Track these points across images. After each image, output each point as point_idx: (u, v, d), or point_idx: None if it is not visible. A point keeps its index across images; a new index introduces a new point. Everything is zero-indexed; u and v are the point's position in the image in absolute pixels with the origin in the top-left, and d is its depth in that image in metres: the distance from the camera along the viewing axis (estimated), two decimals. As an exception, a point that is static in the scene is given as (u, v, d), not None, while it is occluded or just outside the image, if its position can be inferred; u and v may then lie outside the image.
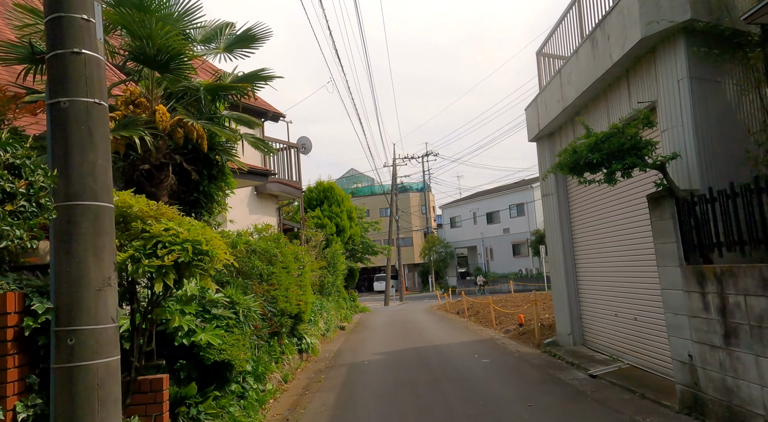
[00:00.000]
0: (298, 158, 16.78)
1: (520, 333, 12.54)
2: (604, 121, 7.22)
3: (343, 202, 19.93)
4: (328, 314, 14.96)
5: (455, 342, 11.98)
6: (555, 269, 9.62)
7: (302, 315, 9.90)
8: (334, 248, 17.19)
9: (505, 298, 23.29)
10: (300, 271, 9.74)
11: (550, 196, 9.61)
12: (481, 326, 15.38)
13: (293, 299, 8.39)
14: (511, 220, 43.91)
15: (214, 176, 6.90)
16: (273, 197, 15.69)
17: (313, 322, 12.27)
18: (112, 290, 3.31)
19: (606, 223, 8.03)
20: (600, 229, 8.29)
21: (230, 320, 5.66)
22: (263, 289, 7.22)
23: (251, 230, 8.09)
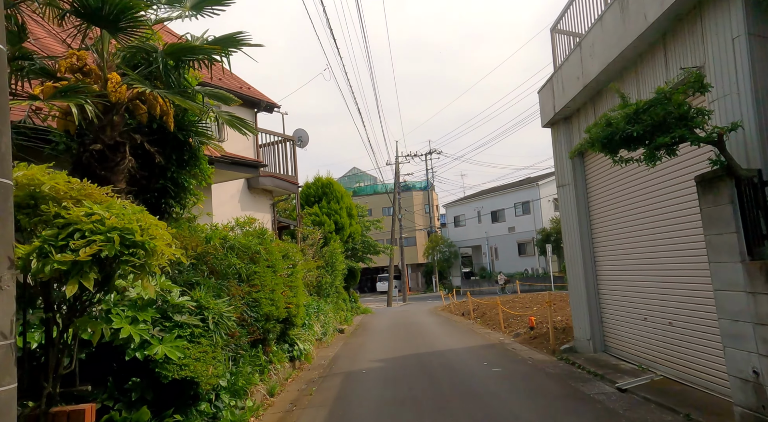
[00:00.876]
0: (293, 151, 15.89)
1: (531, 336, 11.60)
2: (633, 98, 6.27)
3: (343, 198, 19.01)
4: (325, 316, 14.05)
5: (461, 348, 11.05)
6: (572, 267, 8.68)
7: (294, 319, 8.99)
8: (332, 246, 16.28)
9: (512, 299, 22.33)
10: (290, 270, 8.83)
11: (567, 187, 8.67)
12: (489, 329, 14.44)
13: (281, 302, 7.47)
14: (516, 218, 42.93)
15: (186, 161, 6.00)
16: (267, 193, 14.80)
17: (308, 326, 11.35)
18: (5, 295, 2.41)
19: (633, 214, 7.10)
20: (626, 221, 7.35)
21: (197, 328, 4.75)
22: (243, 291, 6.30)
23: (232, 224, 7.18)
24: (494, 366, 8.50)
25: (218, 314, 5.05)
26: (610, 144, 4.38)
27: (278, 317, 7.52)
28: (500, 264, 44.36)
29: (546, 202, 40.59)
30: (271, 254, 7.33)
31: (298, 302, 9.07)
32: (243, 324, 6.19)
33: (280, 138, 15.53)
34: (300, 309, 9.29)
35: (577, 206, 8.48)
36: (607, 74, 6.68)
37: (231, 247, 6.14)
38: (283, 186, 14.63)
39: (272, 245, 7.72)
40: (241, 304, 6.13)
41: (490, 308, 18.52)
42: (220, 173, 10.50)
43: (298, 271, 9.22)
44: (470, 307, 19.00)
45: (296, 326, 9.61)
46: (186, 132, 5.80)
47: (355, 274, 24.35)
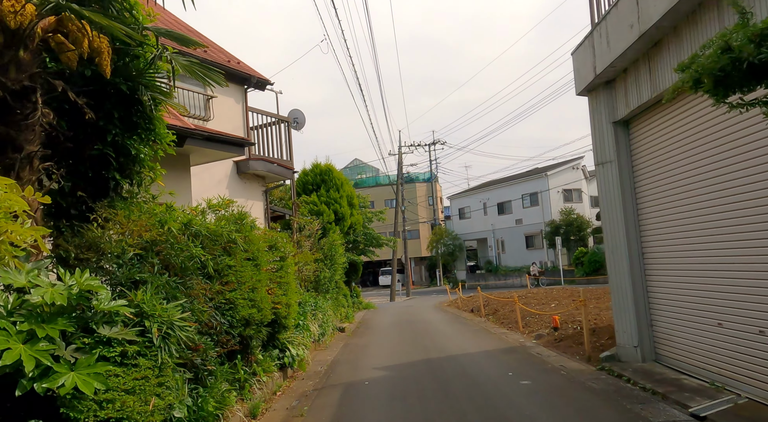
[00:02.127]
0: (288, 133, 14.50)
1: (555, 339, 10.24)
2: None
3: (343, 187, 17.60)
4: (324, 315, 12.72)
5: (477, 351, 9.69)
6: (615, 260, 7.29)
7: (284, 321, 7.65)
8: (331, 238, 14.92)
9: (525, 294, 20.90)
10: (279, 264, 7.46)
11: (609, 164, 7.26)
12: (504, 328, 13.08)
13: (266, 302, 6.11)
14: (524, 210, 41.52)
15: (134, 123, 4.61)
16: (259, 179, 13.42)
17: (303, 327, 10.01)
18: None
19: (701, 192, 5.71)
20: (689, 202, 5.96)
21: (132, 345, 3.39)
22: (212, 290, 4.94)
23: (203, 207, 5.80)
24: (521, 376, 7.14)
25: (167, 324, 3.68)
26: (728, 79, 2.98)
27: (262, 320, 6.16)
28: (507, 258, 43.00)
29: (555, 193, 39.16)
30: (252, 243, 5.95)
31: (290, 301, 7.72)
32: (211, 333, 4.82)
33: (273, 119, 14.15)
34: (292, 309, 7.95)
35: (620, 187, 7.08)
36: (677, 13, 5.25)
37: (195, 234, 4.76)
38: (277, 171, 13.25)
39: (254, 233, 6.34)
40: (209, 307, 4.76)
41: (503, 304, 17.18)
42: (200, 153, 9.13)
43: (288, 264, 7.86)
44: (480, 303, 17.65)
45: (287, 328, 8.27)
46: (133, 84, 4.41)
47: (357, 268, 23.04)
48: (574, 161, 41.30)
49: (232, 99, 12.87)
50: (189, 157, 9.09)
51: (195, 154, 9.14)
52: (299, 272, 13.42)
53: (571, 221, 37.03)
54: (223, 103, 12.53)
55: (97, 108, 4.24)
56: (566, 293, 18.44)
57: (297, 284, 12.20)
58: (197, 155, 9.20)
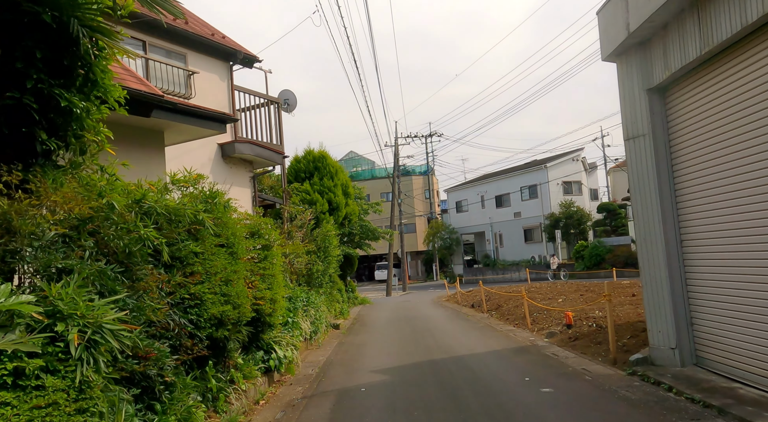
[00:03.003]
0: (279, 115, 13.49)
1: (569, 337, 9.32)
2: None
3: (338, 174, 16.57)
4: (317, 311, 11.76)
5: (486, 352, 8.76)
6: (647, 249, 6.34)
7: (268, 318, 6.68)
8: (325, 228, 13.94)
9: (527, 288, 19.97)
10: (262, 254, 6.49)
11: (641, 138, 6.30)
12: (510, 325, 12.16)
13: (243, 298, 5.13)
14: (522, 203, 40.61)
15: (66, 68, 3.60)
16: (246, 164, 12.41)
17: (292, 325, 9.05)
18: None
19: (755, 166, 4.77)
20: (740, 179, 5.02)
21: (34, 360, 2.42)
22: (173, 283, 3.96)
23: (165, 181, 4.80)
24: (541, 382, 6.20)
25: (94, 327, 2.70)
26: None
27: (239, 319, 5.19)
28: (505, 252, 42.13)
29: (554, 185, 38.27)
30: (227, 227, 4.97)
31: (275, 296, 6.75)
32: (168, 336, 3.85)
33: (262, 100, 13.13)
34: (278, 305, 6.97)
35: (655, 165, 6.13)
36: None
37: (147, 213, 3.76)
38: (266, 155, 12.24)
39: (231, 216, 5.35)
40: (165, 304, 3.78)
41: (506, 299, 16.27)
42: (175, 130, 8.11)
43: (274, 254, 6.87)
44: (482, 298, 16.73)
45: (273, 327, 7.31)
46: (62, 16, 3.40)
47: (352, 261, 22.06)
48: (574, 152, 40.43)
49: (216, 76, 11.83)
50: (163, 134, 8.08)
51: (170, 131, 8.13)
52: (290, 264, 12.45)
53: (571, 214, 36.17)
54: (206, 80, 11.50)
55: (11, 44, 3.23)
56: (572, 288, 17.56)
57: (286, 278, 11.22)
58: (173, 132, 8.18)
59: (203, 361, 4.84)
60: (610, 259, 31.45)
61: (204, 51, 11.45)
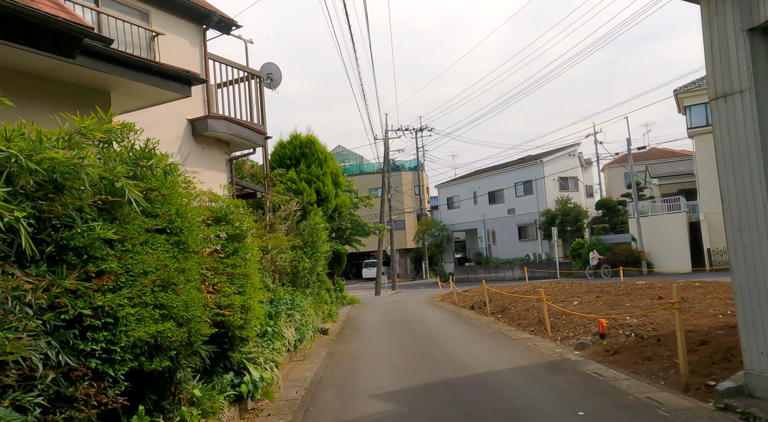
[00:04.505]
0: (261, 91, 11.79)
1: (606, 350, 7.80)
2: None
3: (327, 162, 14.87)
4: (302, 315, 10.13)
5: (509, 369, 7.20)
6: (744, 241, 4.79)
7: (239, 331, 5.06)
8: (313, 221, 12.29)
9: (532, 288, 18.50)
10: (231, 247, 4.84)
11: (737, 96, 4.76)
12: (525, 332, 10.62)
13: (195, 308, 3.49)
14: (516, 199, 39.28)
15: None
16: (221, 144, 10.69)
17: (272, 335, 7.42)
18: None
19: None
20: None
21: None
22: (57, 290, 2.31)
23: (69, 129, 3.12)
24: (603, 420, 4.66)
25: None
26: None
27: (189, 339, 3.54)
28: (498, 249, 40.78)
29: (550, 181, 36.97)
30: (168, 204, 3.31)
31: (248, 303, 5.11)
32: (36, 385, 2.20)
33: (242, 74, 11.44)
34: (252, 314, 5.33)
35: (759, 131, 4.60)
36: None
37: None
38: (245, 135, 10.55)
39: (179, 188, 3.69)
40: (36, 327, 2.12)
41: (513, 301, 14.77)
42: (126, 92, 6.39)
43: (247, 248, 5.22)
44: (486, 299, 15.21)
45: (247, 341, 5.67)
46: None
47: (341, 258, 20.43)
48: (571, 147, 39.20)
49: (187, 41, 10.09)
50: (109, 96, 6.37)
51: (119, 92, 6.42)
52: (272, 261, 10.78)
53: (567, 211, 34.88)
54: (175, 44, 9.76)
55: None
56: (582, 289, 16.10)
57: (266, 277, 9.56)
58: (122, 94, 6.47)
59: (132, 408, 3.19)
60: (610, 257, 30.19)
61: (171, 10, 9.71)
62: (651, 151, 41.64)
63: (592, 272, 28.78)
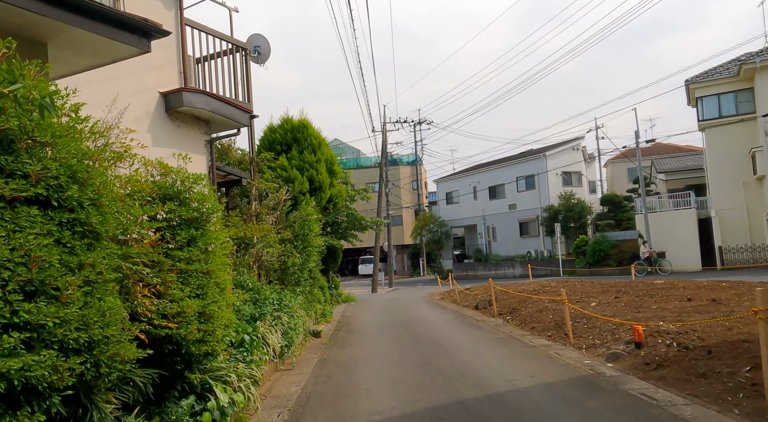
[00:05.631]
0: (247, 66, 10.54)
1: (645, 362, 6.61)
2: None
3: (321, 148, 13.61)
4: (291, 317, 8.92)
5: (534, 385, 6.02)
6: None
7: (195, 348, 3.85)
8: (305, 211, 11.07)
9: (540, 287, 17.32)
10: (183, 235, 3.63)
11: None
12: (542, 337, 9.44)
13: (110, 323, 2.30)
14: (518, 194, 38.10)
15: None
16: (200, 123, 9.44)
17: (251, 344, 6.22)
18: None
19: None
20: None
21: None
22: None
23: None
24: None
25: None
26: None
27: (97, 373, 2.34)
28: (498, 246, 39.64)
29: (553, 175, 35.80)
30: (55, 160, 2.10)
31: (211, 309, 3.90)
32: None
33: (226, 46, 10.20)
34: (218, 322, 4.11)
35: None
36: None
37: None
38: (227, 113, 9.29)
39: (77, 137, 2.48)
40: None
41: (521, 301, 13.61)
42: (67, 44, 5.13)
43: (209, 237, 4.00)
44: (493, 298, 14.03)
45: (213, 355, 4.46)
46: None
47: (336, 254, 19.26)
48: (574, 141, 38.06)
49: (159, 2, 8.84)
50: (46, 49, 5.13)
51: (59, 44, 5.17)
52: (257, 257, 9.58)
53: (571, 207, 33.72)
54: (145, 4, 8.52)
55: None
56: (596, 288, 14.94)
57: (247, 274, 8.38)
58: (64, 47, 5.22)
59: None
60: (615, 255, 29.13)
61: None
62: (655, 146, 40.57)
63: (643, 268, 24.75)
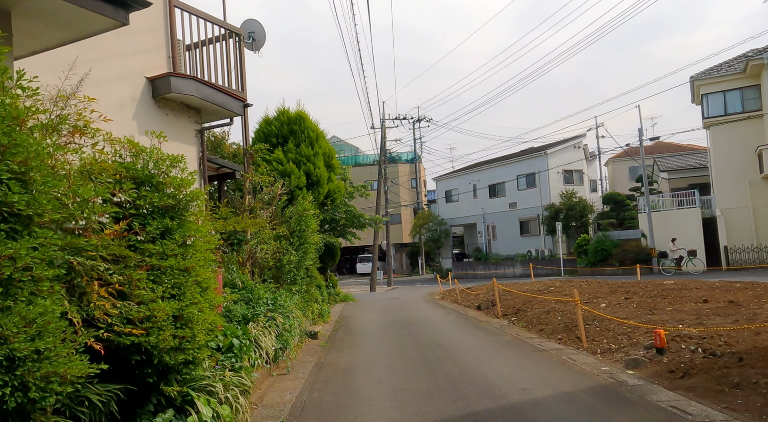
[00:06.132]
0: (241, 52, 9.99)
1: (669, 370, 6.09)
2: None
3: (319, 141, 13.06)
4: (286, 318, 8.40)
5: (552, 395, 5.50)
6: None
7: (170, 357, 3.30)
8: (301, 206, 10.53)
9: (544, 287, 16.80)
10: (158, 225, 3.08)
11: None
12: (551, 340, 8.92)
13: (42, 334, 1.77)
14: (518, 193, 37.61)
15: None
16: (189, 111, 8.89)
17: (241, 349, 5.69)
18: None
19: None
20: None
21: None
22: None
23: None
24: None
25: None
26: None
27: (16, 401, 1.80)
28: (498, 245, 39.14)
29: (555, 174, 35.30)
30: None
31: (189, 312, 3.36)
32: None
33: (220, 32, 9.67)
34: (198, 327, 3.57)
35: None
36: None
37: None
38: (219, 101, 8.75)
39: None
40: None
41: (525, 301, 13.09)
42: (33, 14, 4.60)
43: (189, 229, 3.45)
44: (497, 298, 13.51)
45: (194, 364, 3.92)
46: None
47: (334, 252, 18.72)
48: (576, 138, 37.59)
49: None
50: (9, 17, 4.58)
51: (24, 14, 4.61)
52: (251, 254, 9.05)
53: (572, 205, 33.22)
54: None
55: None
56: (603, 288, 14.44)
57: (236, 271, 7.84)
58: (31, 17, 4.66)
59: None
60: (618, 254, 28.62)
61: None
62: (657, 145, 40.15)
63: (673, 268, 22.78)
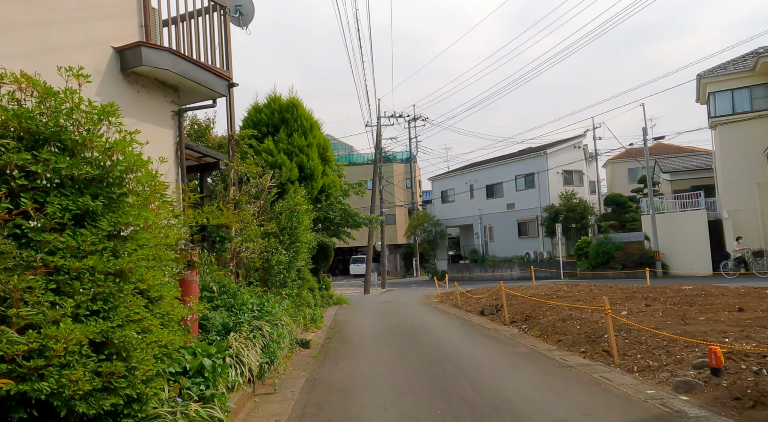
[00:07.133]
0: (226, 27, 8.91)
1: (735, 397, 5.08)
2: None
3: (312, 131, 11.98)
4: (274, 327, 7.31)
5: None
6: None
7: (102, 398, 2.23)
8: (293, 200, 9.45)
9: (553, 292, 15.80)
10: (76, 206, 2.01)
11: None
12: (575, 354, 7.90)
13: None
14: (517, 193, 36.68)
15: None
16: (165, 89, 7.78)
17: (215, 372, 4.62)
18: None
19: None
20: None
21: None
22: None
23: None
24: None
25: None
26: None
27: None
28: (495, 247, 38.20)
29: (554, 174, 34.41)
30: None
31: (125, 335, 2.30)
32: None
33: (203, 4, 8.59)
34: (141, 354, 2.51)
35: None
36: None
37: None
38: (199, 78, 7.66)
39: None
40: None
41: (534, 306, 12.09)
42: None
43: (130, 215, 2.39)
44: (503, 303, 12.49)
45: (143, 401, 2.83)
46: None
47: (328, 253, 17.65)
48: (576, 138, 36.76)
49: None
50: None
51: None
52: (235, 253, 7.97)
53: (572, 207, 32.35)
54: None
55: None
56: (617, 294, 13.43)
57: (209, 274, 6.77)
58: None
59: None
60: (620, 257, 27.76)
61: None
62: (657, 146, 39.35)
63: (735, 272, 20.56)
